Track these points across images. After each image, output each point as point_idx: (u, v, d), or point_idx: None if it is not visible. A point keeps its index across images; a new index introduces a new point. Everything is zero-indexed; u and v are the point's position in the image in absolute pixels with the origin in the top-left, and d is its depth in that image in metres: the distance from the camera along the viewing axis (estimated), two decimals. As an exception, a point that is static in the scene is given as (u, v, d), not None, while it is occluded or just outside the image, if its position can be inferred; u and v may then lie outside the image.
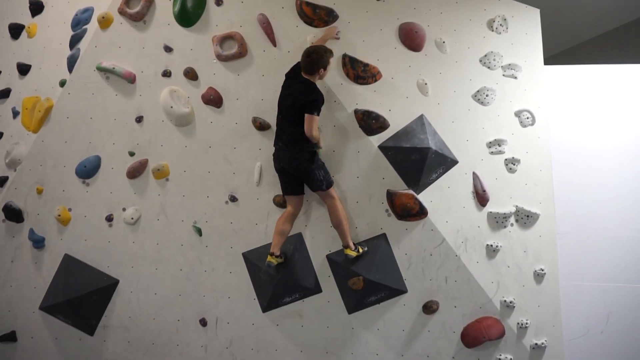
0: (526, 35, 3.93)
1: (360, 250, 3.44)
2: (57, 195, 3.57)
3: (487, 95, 3.78)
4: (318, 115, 3.22)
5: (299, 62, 3.35)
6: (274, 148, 3.38)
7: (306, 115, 3.17)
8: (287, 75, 3.40)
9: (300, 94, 3.23)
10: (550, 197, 3.75)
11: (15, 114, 3.70)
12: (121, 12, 3.60)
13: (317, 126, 3.24)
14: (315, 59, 3.24)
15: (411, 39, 3.73)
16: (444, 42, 3.79)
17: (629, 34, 4.91)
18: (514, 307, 3.58)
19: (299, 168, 3.28)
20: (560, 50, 5.43)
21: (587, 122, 4.01)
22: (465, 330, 3.55)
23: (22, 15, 3.88)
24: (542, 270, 3.64)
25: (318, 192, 3.36)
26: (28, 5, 3.84)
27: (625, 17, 4.83)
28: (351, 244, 3.39)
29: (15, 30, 3.86)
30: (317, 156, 3.35)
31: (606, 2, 4.54)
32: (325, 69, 3.28)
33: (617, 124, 3.99)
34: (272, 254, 3.31)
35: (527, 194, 3.73)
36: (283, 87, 3.37)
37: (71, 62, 3.61)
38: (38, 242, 3.54)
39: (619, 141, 3.97)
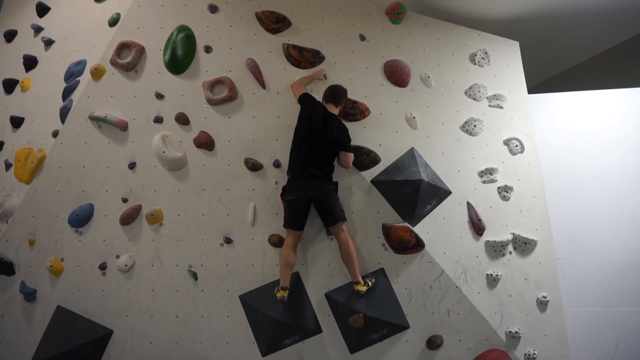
0: (508, 66, 4.06)
1: (370, 284, 3.39)
2: (49, 246, 3.52)
3: (474, 126, 3.85)
4: None
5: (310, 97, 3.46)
6: (289, 178, 3.36)
7: (349, 154, 3.47)
8: (310, 107, 3.41)
9: (340, 132, 3.42)
10: (546, 223, 3.74)
11: (8, 166, 3.71)
12: (113, 62, 3.69)
13: None
14: (343, 94, 3.50)
15: (397, 75, 3.84)
16: (428, 77, 3.89)
17: (607, 61, 5.07)
18: (520, 337, 3.49)
19: (328, 198, 3.34)
20: (543, 79, 5.58)
21: (576, 147, 4.07)
22: (472, 365, 3.44)
23: (17, 71, 3.97)
24: (545, 297, 3.58)
25: (337, 224, 3.35)
26: (22, 61, 3.93)
27: (602, 45, 5.00)
28: (361, 280, 3.35)
29: (9, 85, 3.94)
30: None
31: (583, 33, 4.72)
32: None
33: (605, 146, 4.05)
34: (284, 289, 3.26)
35: (523, 220, 3.72)
36: (308, 119, 3.37)
37: (64, 113, 3.66)
38: (29, 295, 3.46)
39: (608, 163, 4.02)
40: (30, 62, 3.93)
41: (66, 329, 3.39)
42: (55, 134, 3.65)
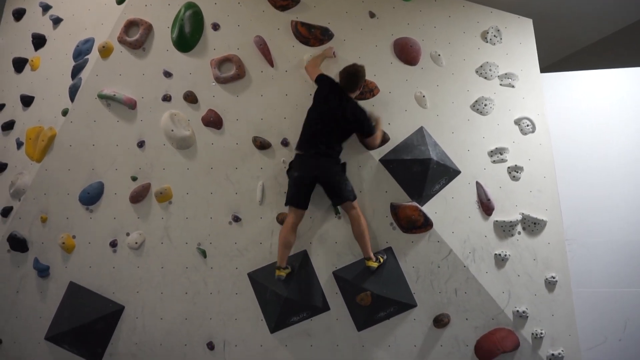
0: (520, 44, 3.98)
1: (381, 260, 3.40)
2: (61, 223, 3.57)
3: (485, 105, 3.79)
4: None
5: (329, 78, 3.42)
6: (297, 154, 3.35)
7: (370, 138, 3.43)
8: (327, 87, 3.38)
9: (352, 115, 3.34)
10: (556, 204, 3.71)
11: (19, 144, 3.75)
12: (121, 40, 3.68)
13: None
14: (360, 77, 3.39)
15: (406, 53, 3.78)
16: (439, 55, 3.83)
17: (620, 41, 4.94)
18: (528, 317, 3.49)
19: (335, 177, 3.33)
20: (557, 59, 5.47)
21: (588, 127, 4.00)
22: (478, 343, 3.45)
23: (26, 50, 3.97)
24: (554, 277, 3.57)
25: (345, 203, 3.34)
26: (31, 39, 3.94)
27: (617, 24, 4.88)
28: (372, 256, 3.35)
29: (19, 64, 3.95)
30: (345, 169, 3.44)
31: (595, 12, 4.60)
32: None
33: (617, 126, 3.98)
34: (279, 268, 3.28)
35: (533, 201, 3.69)
36: (324, 99, 3.35)
37: (73, 92, 3.67)
38: (43, 271, 3.52)
39: (621, 143, 3.95)
40: (39, 41, 3.94)
41: (79, 305, 3.46)
42: (64, 113, 3.67)
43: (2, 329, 3.51)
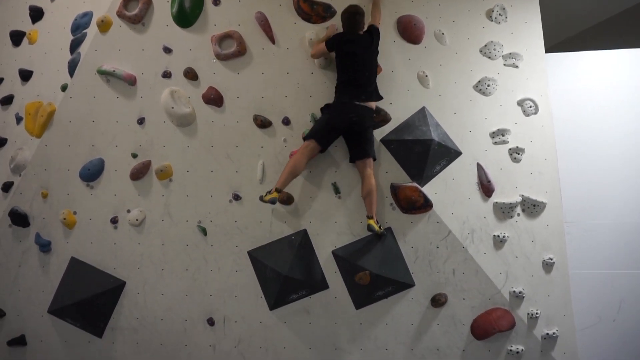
0: (526, 23, 3.91)
1: (382, 229, 3.42)
2: (61, 199, 3.58)
3: (488, 86, 3.75)
4: None
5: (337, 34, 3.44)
6: (339, 101, 3.36)
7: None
8: (340, 41, 3.37)
9: (374, 40, 3.43)
10: (556, 186, 3.71)
11: (19, 119, 3.73)
12: (120, 15, 3.62)
13: None
14: (362, 12, 3.46)
15: (410, 31, 3.72)
16: (443, 33, 3.77)
17: (628, 20, 4.86)
18: (524, 297, 3.53)
19: (369, 130, 3.39)
20: (562, 39, 5.38)
21: (591, 109, 3.98)
22: (475, 323, 3.51)
23: (23, 22, 3.91)
24: (551, 259, 3.60)
25: (367, 159, 3.36)
26: (28, 12, 3.87)
27: (624, 3, 4.78)
28: (375, 217, 3.36)
29: (17, 37, 3.89)
30: None
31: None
32: None
33: (621, 109, 3.95)
34: (278, 190, 3.24)
35: (533, 183, 3.69)
36: (351, 45, 3.34)
37: (72, 67, 3.63)
38: (44, 246, 3.55)
39: (624, 127, 3.93)
40: (36, 14, 3.87)
41: (81, 280, 3.50)
42: (64, 88, 3.64)
43: (5, 302, 3.56)
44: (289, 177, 3.30)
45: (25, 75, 3.78)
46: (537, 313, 3.52)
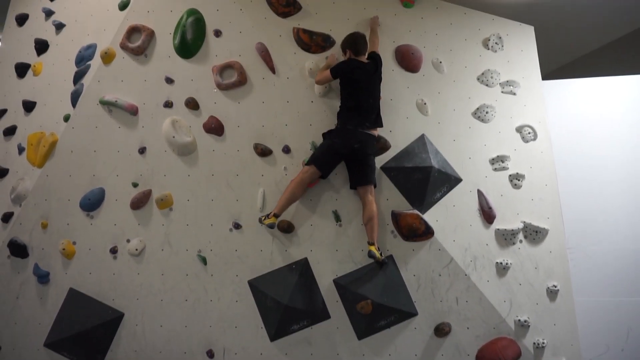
0: (522, 52, 3.97)
1: (383, 256, 3.39)
2: (61, 229, 3.57)
3: (487, 112, 3.79)
4: None
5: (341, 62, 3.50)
6: (342, 127, 3.38)
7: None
8: (351, 67, 3.41)
9: (379, 68, 3.51)
10: (557, 212, 3.69)
11: (21, 150, 3.75)
12: (123, 46, 3.69)
13: None
14: (363, 36, 3.55)
15: (408, 60, 3.78)
16: (440, 62, 3.83)
17: (623, 48, 4.94)
18: (529, 326, 3.47)
19: (371, 157, 3.43)
20: (558, 66, 5.46)
21: (589, 134, 4.00)
22: (480, 353, 3.43)
23: (28, 55, 3.99)
24: (555, 286, 3.55)
25: (367, 186, 3.38)
26: (34, 45, 3.94)
27: (618, 32, 4.87)
28: (376, 243, 3.34)
29: (22, 70, 3.96)
30: None
31: (598, 19, 4.59)
32: None
33: (619, 133, 3.98)
34: (276, 215, 3.30)
35: (534, 209, 3.68)
36: (354, 76, 3.38)
37: (75, 97, 3.68)
38: (43, 277, 3.52)
39: (623, 151, 3.94)
40: (41, 46, 3.95)
41: (79, 311, 3.45)
42: (66, 118, 3.68)
43: (1, 335, 3.51)
44: (287, 202, 3.32)
45: (29, 106, 3.83)
46: (543, 342, 3.45)
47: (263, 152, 3.60)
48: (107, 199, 3.59)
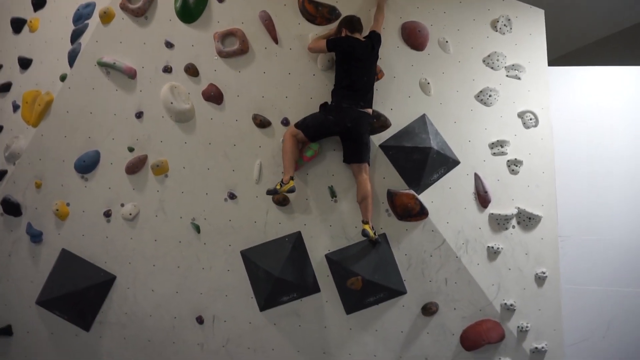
0: (530, 35, 3.90)
1: (376, 235, 3.41)
2: (55, 190, 3.55)
3: (490, 96, 3.74)
4: None
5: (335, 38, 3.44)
6: (338, 104, 3.35)
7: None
8: (348, 42, 3.37)
9: (375, 46, 3.45)
10: (552, 200, 3.70)
11: (16, 107, 3.69)
12: (123, 7, 3.59)
13: None
14: (359, 20, 3.48)
15: (414, 37, 3.71)
16: (447, 41, 3.76)
17: (633, 37, 4.86)
18: (515, 310, 3.53)
19: (365, 135, 3.39)
20: (565, 52, 5.38)
21: (590, 125, 3.97)
22: (464, 333, 3.50)
23: (25, 10, 3.87)
24: (544, 273, 3.60)
25: (362, 165, 3.37)
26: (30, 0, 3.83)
27: (629, 20, 4.78)
28: (370, 222, 3.36)
29: (17, 25, 3.85)
30: None
31: (610, 5, 4.50)
32: None
33: (621, 126, 3.95)
34: (292, 178, 3.28)
35: (530, 196, 3.69)
36: (353, 50, 3.34)
37: (72, 57, 3.60)
38: (36, 237, 3.52)
39: (623, 144, 3.93)
40: (38, 1, 3.83)
41: (71, 272, 3.48)
42: (63, 78, 3.61)
43: (-7, 292, 3.53)
44: (293, 162, 3.32)
45: (25, 63, 3.75)
46: (527, 326, 3.52)
47: (262, 123, 3.56)
48: (102, 162, 3.56)
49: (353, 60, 3.35)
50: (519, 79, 3.82)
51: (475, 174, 3.65)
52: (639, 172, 3.89)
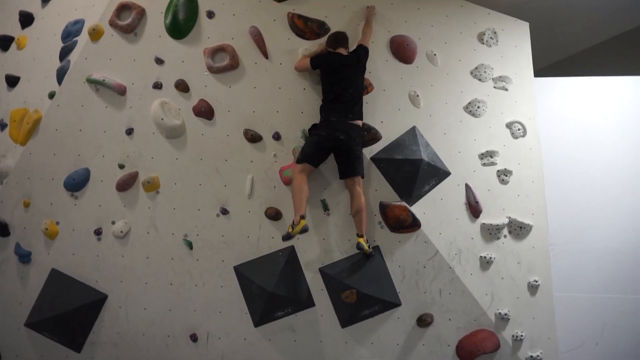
0: (516, 47, 3.98)
1: (370, 248, 3.39)
2: (44, 209, 3.50)
3: (478, 107, 3.80)
4: None
5: (321, 54, 3.52)
6: (326, 120, 3.35)
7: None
8: (331, 58, 3.42)
9: (361, 59, 3.47)
10: (542, 209, 3.75)
11: (3, 126, 3.65)
12: (112, 24, 3.58)
13: None
14: (345, 36, 3.54)
15: (402, 51, 3.76)
16: (435, 54, 3.81)
17: (617, 47, 4.98)
18: (509, 319, 3.55)
19: (357, 148, 3.38)
20: (550, 62, 5.49)
21: (578, 133, 4.05)
22: (460, 344, 3.50)
23: (12, 27, 3.85)
24: (536, 281, 3.63)
25: (356, 178, 3.37)
26: (18, 17, 3.81)
27: (613, 30, 4.90)
28: (365, 235, 3.34)
29: (5, 42, 3.83)
30: None
31: (594, 16, 4.61)
32: None
33: (607, 134, 4.03)
34: (303, 217, 3.19)
35: (520, 205, 3.73)
36: (334, 65, 3.38)
37: (61, 74, 3.58)
38: (24, 257, 3.46)
39: (610, 152, 4.00)
40: (26, 19, 3.82)
41: (61, 292, 3.41)
42: (51, 95, 3.58)
43: (-20, 314, 3.45)
44: (303, 198, 3.24)
45: (12, 81, 3.72)
46: (521, 335, 3.53)
47: (253, 138, 3.56)
48: (92, 180, 3.52)
49: (336, 74, 3.38)
50: (506, 90, 3.89)
51: (466, 185, 3.69)
52: (627, 178, 3.96)
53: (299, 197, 3.23)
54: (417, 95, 3.73)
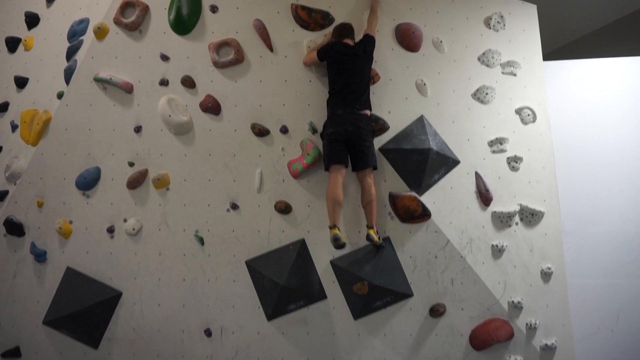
0: (524, 31, 3.91)
1: (381, 240, 3.38)
2: (57, 208, 3.54)
3: (486, 94, 3.75)
4: None
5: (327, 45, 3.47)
6: (332, 113, 3.33)
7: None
8: (337, 49, 3.39)
9: (367, 49, 3.42)
10: (554, 195, 3.71)
11: (14, 127, 3.69)
12: (116, 22, 3.59)
13: None
14: (351, 27, 3.51)
15: (408, 39, 3.71)
16: (441, 41, 3.76)
17: (626, 27, 4.86)
18: (522, 307, 3.52)
19: (367, 139, 3.33)
20: (559, 46, 5.39)
21: (588, 117, 3.98)
22: (473, 333, 3.49)
23: (19, 29, 3.87)
24: (549, 268, 3.59)
25: (367, 170, 3.34)
26: (24, 18, 3.83)
27: (621, 11, 4.79)
28: (375, 227, 3.32)
29: (12, 44, 3.85)
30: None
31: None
32: None
33: (618, 116, 3.96)
34: (334, 226, 3.18)
35: (531, 192, 3.69)
36: (339, 55, 3.35)
37: (68, 74, 3.60)
38: (40, 256, 3.52)
39: (622, 135, 3.94)
40: (32, 20, 3.83)
41: (77, 290, 3.46)
42: (60, 95, 3.61)
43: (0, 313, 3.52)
44: (337, 208, 3.23)
45: (21, 82, 3.75)
46: (535, 323, 3.51)
47: (260, 132, 3.56)
48: (103, 178, 3.55)
49: (342, 64, 3.35)
50: (515, 75, 3.83)
51: (476, 173, 3.65)
52: (638, 162, 3.89)
53: (329, 205, 3.24)
54: (424, 84, 3.69)
